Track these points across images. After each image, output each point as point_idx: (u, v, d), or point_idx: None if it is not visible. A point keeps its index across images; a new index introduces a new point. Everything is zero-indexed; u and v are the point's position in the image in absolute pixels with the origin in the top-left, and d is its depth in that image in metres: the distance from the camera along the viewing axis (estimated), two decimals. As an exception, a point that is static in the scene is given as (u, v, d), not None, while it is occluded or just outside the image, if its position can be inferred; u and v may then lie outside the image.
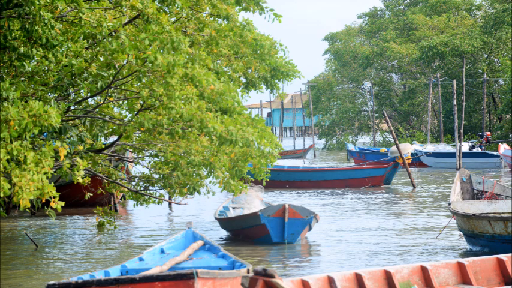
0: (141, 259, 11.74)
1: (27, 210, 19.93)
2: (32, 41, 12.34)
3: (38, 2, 11.93)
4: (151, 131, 13.99)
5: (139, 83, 13.97)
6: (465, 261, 10.29)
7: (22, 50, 12.37)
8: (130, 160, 18.07)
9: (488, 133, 49.23)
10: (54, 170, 13.73)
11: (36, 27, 12.05)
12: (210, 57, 15.64)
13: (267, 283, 7.42)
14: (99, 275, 10.36)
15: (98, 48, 13.31)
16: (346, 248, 16.25)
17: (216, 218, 18.43)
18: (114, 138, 17.63)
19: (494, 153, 43.58)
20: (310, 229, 17.27)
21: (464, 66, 43.46)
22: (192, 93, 13.56)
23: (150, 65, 12.91)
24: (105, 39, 13.18)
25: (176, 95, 13.30)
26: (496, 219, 14.72)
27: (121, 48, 12.92)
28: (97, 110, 15.18)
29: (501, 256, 10.51)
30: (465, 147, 44.81)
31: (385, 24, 73.26)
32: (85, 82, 13.16)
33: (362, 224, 19.96)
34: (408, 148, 31.66)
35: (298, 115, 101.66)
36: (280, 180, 32.06)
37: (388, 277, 9.66)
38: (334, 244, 16.86)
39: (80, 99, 14.67)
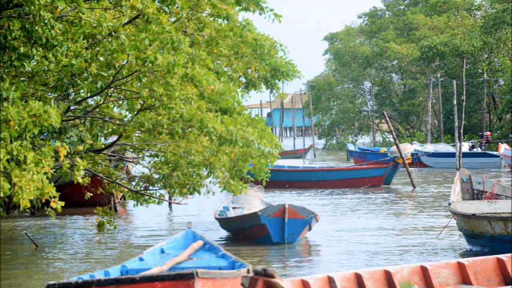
0: (141, 259, 11.74)
1: (27, 210, 19.95)
2: (32, 41, 12.34)
3: (38, 2, 11.92)
4: (151, 131, 14.00)
5: (139, 83, 13.97)
6: (465, 261, 10.29)
7: (22, 50, 12.37)
8: (131, 160, 18.07)
9: (488, 133, 49.22)
10: (54, 170, 13.73)
11: (36, 27, 12.05)
12: (210, 57, 15.64)
13: (267, 283, 7.42)
14: (99, 275, 10.36)
15: (98, 48, 13.31)
16: (346, 248, 16.25)
17: (216, 218, 18.43)
18: (114, 138, 17.63)
19: (494, 153, 43.58)
20: (310, 229, 17.27)
21: (464, 66, 43.45)
22: (192, 93, 13.56)
23: (150, 65, 12.91)
24: (105, 39, 13.18)
25: (176, 95, 13.30)
26: (496, 219, 14.72)
27: (121, 48, 12.92)
28: (97, 110, 15.18)
29: (501, 256, 10.51)
30: (465, 147, 44.81)
31: (385, 24, 73.27)
32: (85, 82, 13.16)
33: (362, 224, 19.96)
34: (408, 148, 31.66)
35: (298, 115, 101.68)
36: (280, 180, 32.06)
37: (388, 277, 9.66)
38: (334, 244, 16.86)
39: (80, 99, 14.67)
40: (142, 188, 16.98)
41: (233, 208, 19.83)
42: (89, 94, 13.92)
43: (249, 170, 15.99)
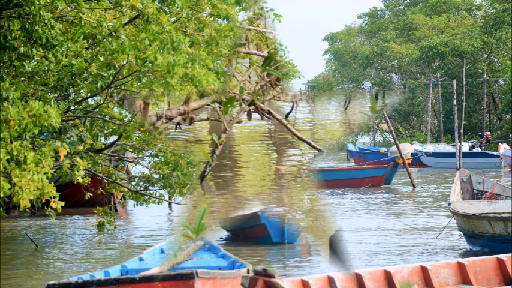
0: (141, 259, 11.74)
1: (27, 210, 19.95)
2: (32, 41, 12.34)
3: (38, 2, 11.92)
4: (151, 131, 13.99)
5: (139, 83, 13.96)
6: (465, 261, 10.29)
7: (22, 50, 12.37)
8: (131, 160, 18.07)
9: (488, 133, 49.24)
10: (54, 170, 13.73)
11: (36, 27, 12.04)
12: (210, 57, 15.63)
13: (267, 283, 7.43)
14: (99, 275, 10.37)
15: (98, 48, 13.31)
16: (346, 248, 16.25)
17: (216, 218, 18.44)
18: (114, 138, 17.63)
19: (494, 153, 43.59)
20: (310, 229, 17.29)
21: (464, 66, 43.47)
22: (192, 93, 13.56)
23: (150, 65, 12.91)
24: (105, 39, 13.18)
25: (176, 95, 13.30)
26: (496, 219, 14.72)
27: (121, 48, 12.91)
28: (97, 110, 15.18)
29: (501, 256, 10.51)
30: (465, 147, 44.82)
31: (385, 24, 73.28)
32: (85, 82, 13.16)
33: (362, 224, 19.96)
34: (408, 148, 31.67)
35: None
36: (280, 180, 32.01)
37: (388, 277, 9.65)
38: (334, 244, 16.86)
39: (80, 99, 14.68)
40: (142, 188, 16.98)
41: (233, 208, 19.83)
42: (89, 94, 13.91)
43: (249, 170, 15.99)
